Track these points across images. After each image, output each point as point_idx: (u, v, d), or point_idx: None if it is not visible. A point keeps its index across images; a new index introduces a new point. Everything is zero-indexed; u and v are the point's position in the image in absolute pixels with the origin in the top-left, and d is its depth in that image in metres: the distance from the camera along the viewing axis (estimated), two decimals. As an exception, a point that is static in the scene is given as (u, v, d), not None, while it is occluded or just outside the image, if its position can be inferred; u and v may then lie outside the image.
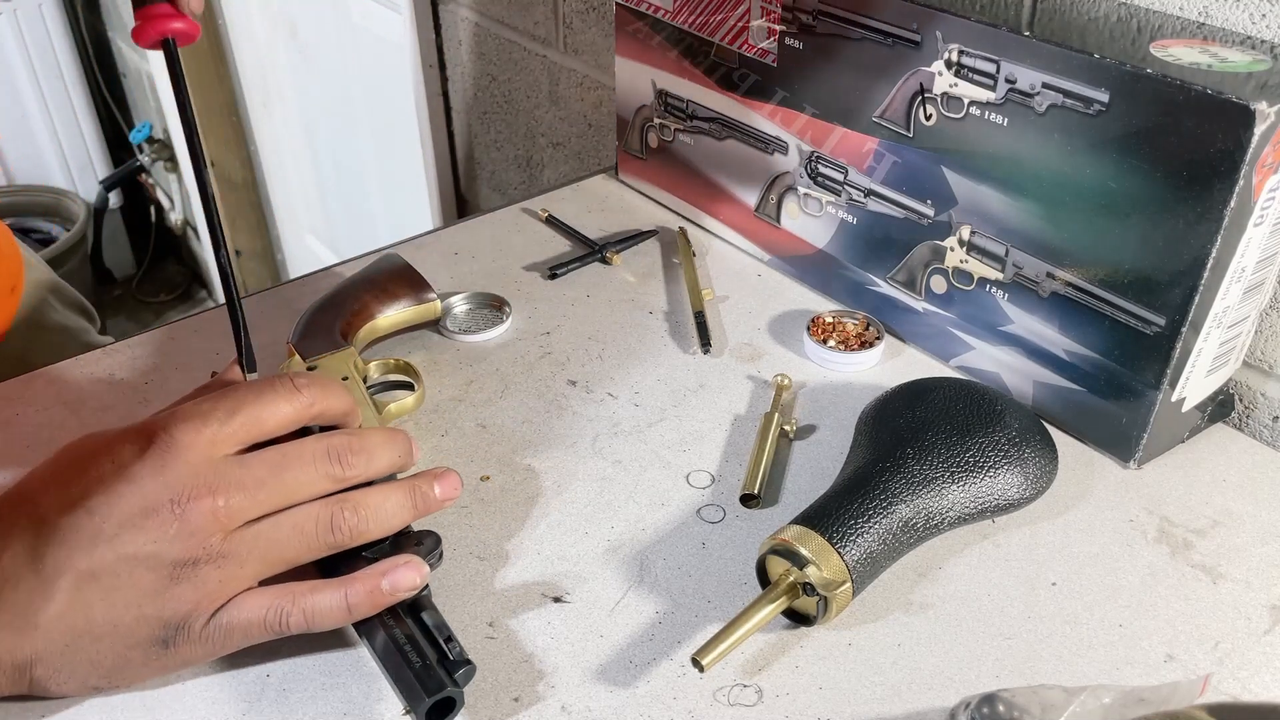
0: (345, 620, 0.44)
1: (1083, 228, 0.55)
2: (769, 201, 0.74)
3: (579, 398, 0.63)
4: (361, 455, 0.46)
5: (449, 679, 0.42)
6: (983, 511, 0.51)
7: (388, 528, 0.46)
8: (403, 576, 0.44)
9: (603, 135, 1.06)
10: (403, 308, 0.65)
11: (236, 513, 0.42)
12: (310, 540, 0.44)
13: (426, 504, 0.47)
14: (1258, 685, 0.45)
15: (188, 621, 0.42)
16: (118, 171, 2.63)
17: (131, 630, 0.42)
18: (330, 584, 0.44)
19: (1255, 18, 0.55)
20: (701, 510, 0.55)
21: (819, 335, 0.66)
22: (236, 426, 0.44)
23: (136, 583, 0.41)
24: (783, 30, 0.67)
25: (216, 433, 0.43)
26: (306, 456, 0.44)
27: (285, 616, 0.43)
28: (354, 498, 0.45)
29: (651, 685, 0.45)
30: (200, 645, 0.42)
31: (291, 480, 0.44)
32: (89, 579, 0.41)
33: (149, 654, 0.42)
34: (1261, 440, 0.60)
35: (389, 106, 1.54)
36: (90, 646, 0.42)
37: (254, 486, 0.43)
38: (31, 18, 2.41)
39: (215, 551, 0.42)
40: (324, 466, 0.45)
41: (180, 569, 0.41)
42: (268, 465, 0.44)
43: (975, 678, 0.46)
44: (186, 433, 0.43)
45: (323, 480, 0.45)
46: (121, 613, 0.41)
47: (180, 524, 0.41)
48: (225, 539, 0.42)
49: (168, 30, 0.53)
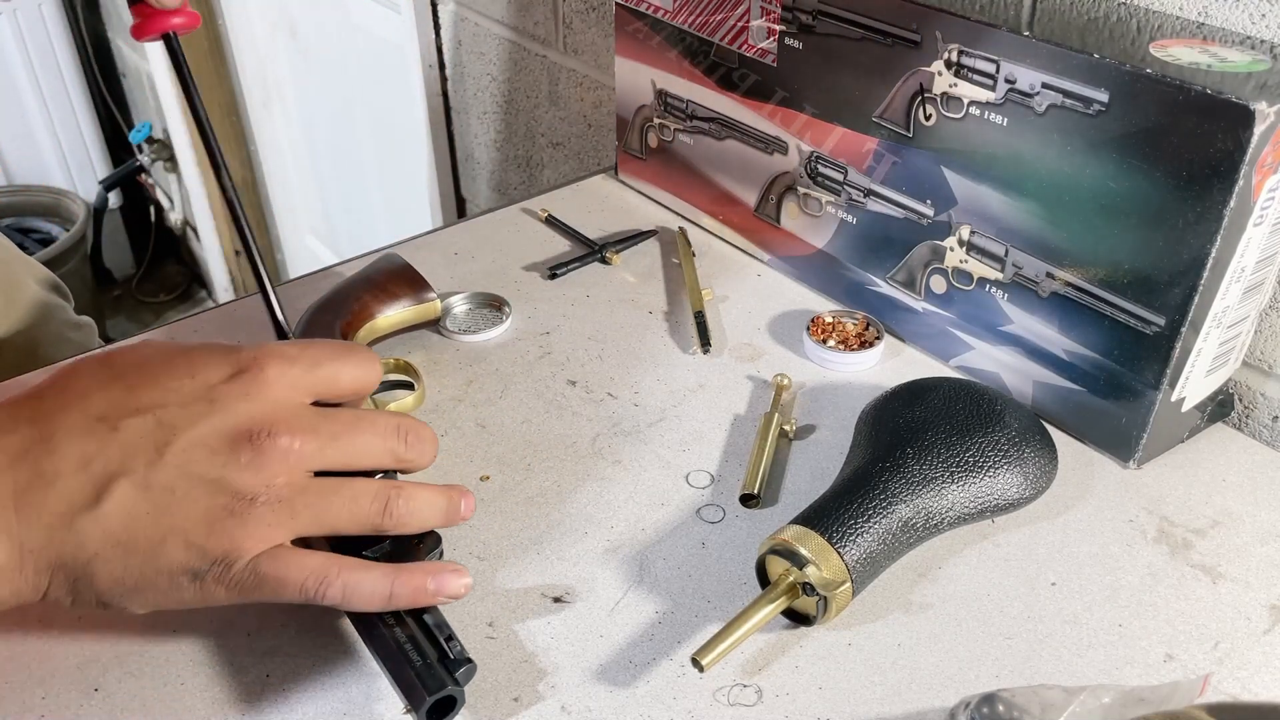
0: (381, 606, 0.43)
1: (1082, 228, 0.55)
2: (769, 201, 0.74)
3: (579, 398, 0.63)
4: (422, 444, 0.46)
5: (450, 678, 0.42)
6: (982, 511, 0.51)
7: (425, 524, 0.45)
8: (449, 583, 0.43)
9: (602, 135, 1.06)
10: (403, 307, 0.65)
11: (308, 458, 0.42)
12: (361, 515, 0.43)
13: (456, 515, 0.47)
14: (1258, 685, 0.45)
15: (227, 558, 0.40)
16: (117, 171, 2.63)
17: (170, 554, 0.40)
18: (378, 568, 0.43)
19: (1255, 18, 0.55)
20: (701, 510, 0.55)
21: (819, 335, 0.66)
22: (318, 378, 0.44)
23: (192, 504, 0.40)
24: (783, 30, 0.67)
25: (300, 377, 0.43)
26: (379, 427, 0.44)
27: (326, 586, 0.41)
28: (409, 488, 0.44)
29: (651, 685, 0.45)
30: (229, 588, 0.41)
31: (363, 444, 0.44)
32: (142, 490, 0.40)
33: (176, 582, 0.40)
34: (1261, 440, 0.60)
35: (389, 106, 1.54)
36: (121, 560, 0.40)
37: (328, 439, 0.42)
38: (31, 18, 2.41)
39: (276, 494, 0.41)
40: (391, 442, 0.44)
41: (239, 502, 0.40)
42: (344, 423, 0.43)
43: (975, 678, 0.46)
44: (275, 367, 0.42)
45: (386, 455, 0.44)
46: (168, 532, 0.40)
47: (254, 455, 0.40)
48: (288, 483, 0.41)
49: (167, 25, 0.53)
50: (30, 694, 0.45)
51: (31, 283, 0.88)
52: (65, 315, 0.91)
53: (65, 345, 0.87)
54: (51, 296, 0.90)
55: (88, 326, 0.92)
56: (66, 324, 0.90)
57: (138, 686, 0.45)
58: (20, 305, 0.85)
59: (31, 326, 0.85)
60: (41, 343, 0.86)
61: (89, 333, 0.92)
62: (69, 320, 0.91)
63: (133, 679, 0.46)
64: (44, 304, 0.88)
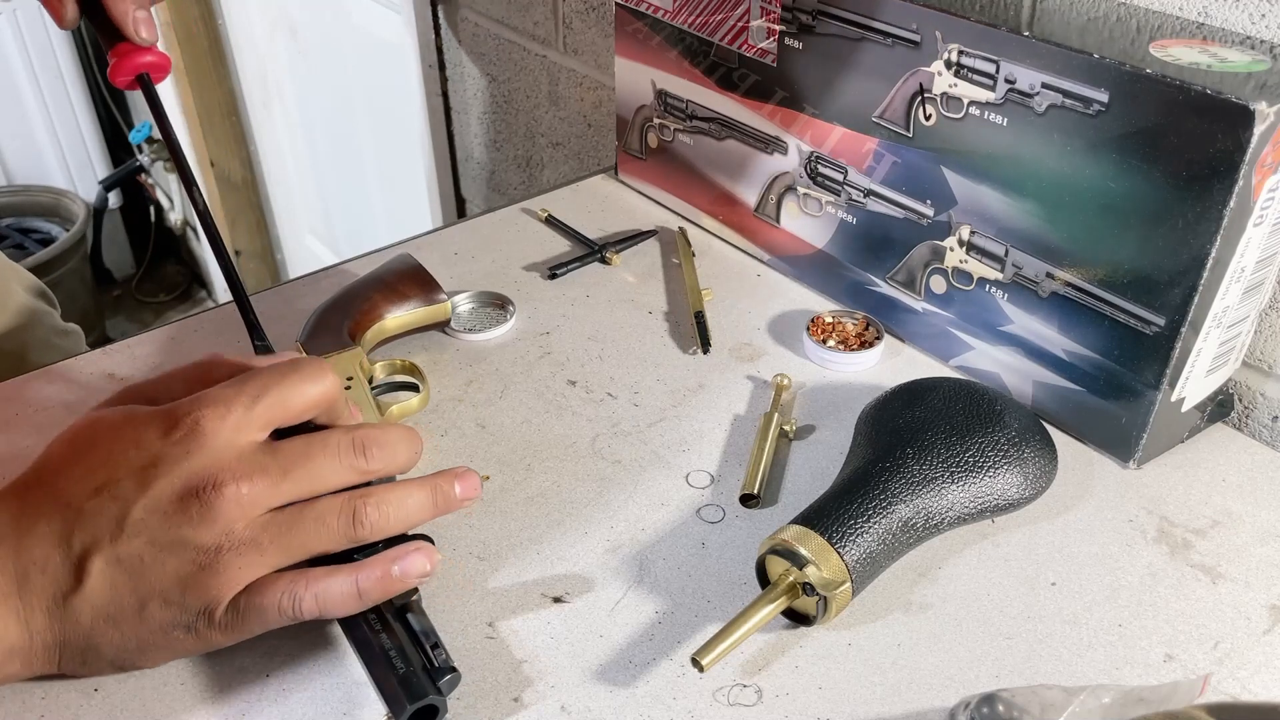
0: (357, 606, 0.44)
1: (1082, 228, 0.55)
2: (769, 201, 0.74)
3: (579, 398, 0.63)
4: (386, 449, 0.45)
5: (432, 686, 0.42)
6: (982, 511, 0.51)
7: (408, 524, 0.45)
8: (414, 563, 0.44)
9: (602, 135, 1.06)
10: (412, 308, 0.65)
11: (260, 500, 0.42)
12: (332, 532, 0.44)
13: (448, 503, 0.46)
14: (1257, 685, 0.45)
15: (210, 607, 0.42)
16: (117, 171, 2.63)
17: (157, 615, 0.42)
18: (342, 569, 0.43)
19: (1255, 18, 0.55)
20: (701, 510, 0.55)
21: (819, 335, 0.66)
22: (263, 411, 0.43)
23: (163, 568, 0.41)
24: (782, 30, 0.67)
25: (241, 418, 0.43)
26: (332, 447, 0.44)
27: (299, 602, 0.43)
28: (377, 493, 0.45)
29: (651, 685, 0.45)
30: (221, 631, 0.43)
31: (316, 470, 0.44)
32: (116, 564, 0.41)
33: (171, 638, 0.43)
34: (1261, 440, 0.60)
35: (389, 106, 1.55)
36: (115, 629, 0.42)
37: (278, 475, 0.43)
38: (31, 18, 2.41)
39: (238, 539, 0.42)
40: (348, 458, 0.44)
41: (204, 555, 0.41)
42: (293, 454, 0.43)
43: (975, 678, 0.46)
44: (212, 419, 0.42)
45: (347, 472, 0.44)
46: (147, 598, 0.42)
47: (204, 509, 0.41)
48: (247, 526, 0.42)
49: (140, 65, 0.55)
50: (30, 694, 0.45)
51: (19, 289, 0.89)
52: (52, 321, 0.91)
53: (52, 351, 0.88)
54: (38, 303, 0.90)
55: (75, 333, 0.93)
56: (54, 330, 0.90)
57: (138, 686, 0.45)
58: (7, 312, 0.86)
59: (19, 333, 0.86)
60: (29, 348, 0.87)
61: (76, 339, 0.92)
62: (56, 327, 0.91)
63: (133, 679, 0.46)
64: (31, 311, 0.88)
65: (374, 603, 0.44)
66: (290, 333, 0.63)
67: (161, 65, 0.56)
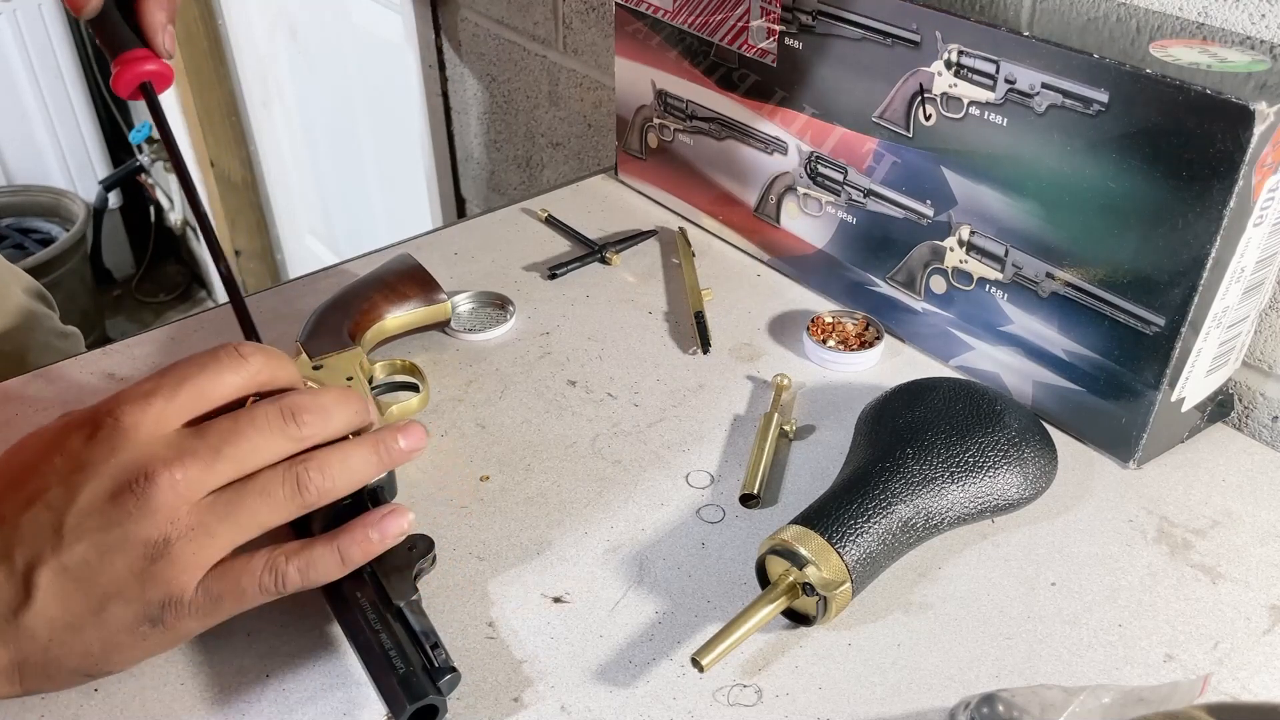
0: (340, 572, 0.43)
1: (1082, 228, 0.55)
2: (769, 201, 0.74)
3: (579, 398, 0.63)
4: (317, 414, 0.45)
5: (432, 686, 0.42)
6: (982, 511, 0.51)
7: (356, 482, 0.45)
8: (390, 524, 0.44)
9: (602, 135, 1.06)
10: (412, 308, 0.65)
11: (196, 484, 0.42)
12: (279, 503, 0.43)
13: (392, 456, 0.46)
14: (1257, 685, 0.45)
15: (173, 597, 0.41)
16: (117, 171, 2.63)
17: (116, 616, 0.41)
18: (320, 539, 0.43)
19: (1255, 18, 0.55)
20: (701, 510, 0.55)
21: (818, 335, 0.66)
22: (183, 400, 0.43)
23: (111, 568, 0.41)
24: (782, 30, 0.67)
25: (163, 409, 0.42)
26: (260, 420, 0.44)
27: (281, 576, 0.42)
28: (317, 456, 0.44)
29: (651, 685, 0.45)
30: (192, 618, 0.42)
31: (248, 445, 0.43)
32: (63, 573, 0.41)
33: (139, 634, 0.42)
34: (1261, 440, 0.60)
35: (389, 106, 1.55)
36: (75, 638, 0.41)
37: (210, 455, 0.42)
38: (31, 18, 2.41)
39: (185, 525, 0.41)
40: (279, 428, 0.44)
41: (154, 548, 0.41)
42: (220, 433, 0.43)
43: (975, 678, 0.46)
44: (131, 413, 0.42)
45: (283, 441, 0.44)
46: (101, 600, 0.41)
47: (141, 503, 0.41)
48: (191, 511, 0.42)
49: (143, 74, 0.54)
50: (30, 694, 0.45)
51: (18, 291, 0.89)
52: (51, 323, 0.91)
53: (51, 353, 0.88)
54: (37, 305, 0.90)
55: (74, 336, 0.93)
56: (52, 332, 0.90)
57: (138, 686, 0.45)
58: (6, 314, 0.86)
59: (18, 335, 0.86)
60: (28, 350, 0.87)
61: (75, 341, 0.92)
62: (55, 329, 0.91)
63: (133, 679, 0.46)
64: (30, 313, 0.88)
65: (355, 565, 0.44)
66: (290, 333, 0.63)
67: (165, 75, 0.56)
